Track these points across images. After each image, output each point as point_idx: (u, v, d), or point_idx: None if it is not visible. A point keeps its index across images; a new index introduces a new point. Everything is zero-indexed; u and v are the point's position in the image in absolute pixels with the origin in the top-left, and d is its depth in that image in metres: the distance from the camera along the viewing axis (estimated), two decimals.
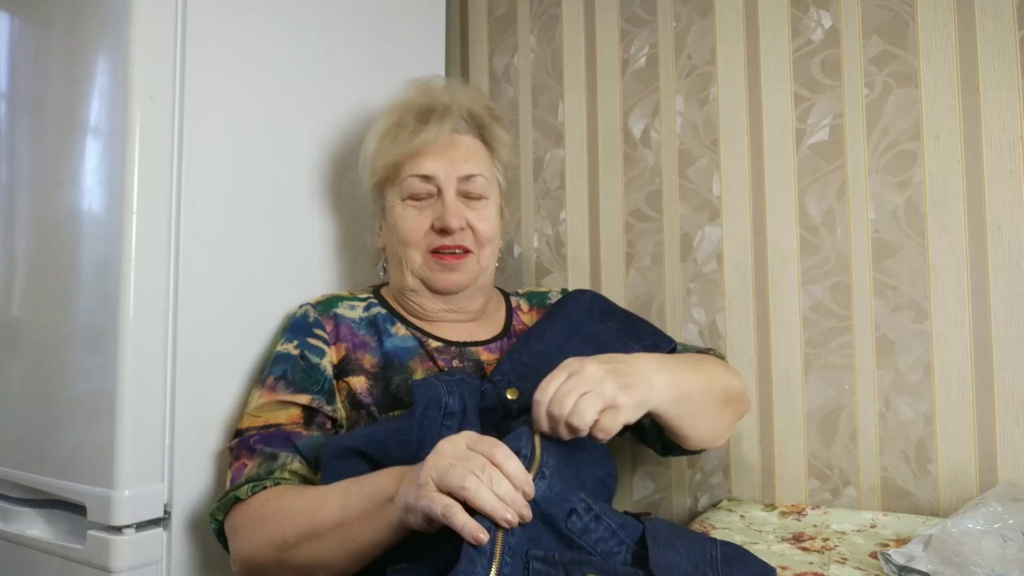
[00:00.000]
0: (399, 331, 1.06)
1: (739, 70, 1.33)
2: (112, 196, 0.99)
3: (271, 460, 0.91)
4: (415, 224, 1.03)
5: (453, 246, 1.03)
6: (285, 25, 1.18)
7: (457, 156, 1.04)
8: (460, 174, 1.04)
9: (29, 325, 1.12)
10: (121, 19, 0.99)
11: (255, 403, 0.98)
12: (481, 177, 1.05)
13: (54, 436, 1.06)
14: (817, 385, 1.24)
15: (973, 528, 0.91)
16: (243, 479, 0.90)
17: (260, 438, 0.94)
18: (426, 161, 1.03)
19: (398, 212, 1.05)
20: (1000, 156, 1.13)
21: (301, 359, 0.99)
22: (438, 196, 1.04)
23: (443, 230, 1.02)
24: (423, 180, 1.03)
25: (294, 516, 0.82)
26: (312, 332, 1.02)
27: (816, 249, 1.25)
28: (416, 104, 1.07)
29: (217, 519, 0.91)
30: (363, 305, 1.08)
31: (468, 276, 1.06)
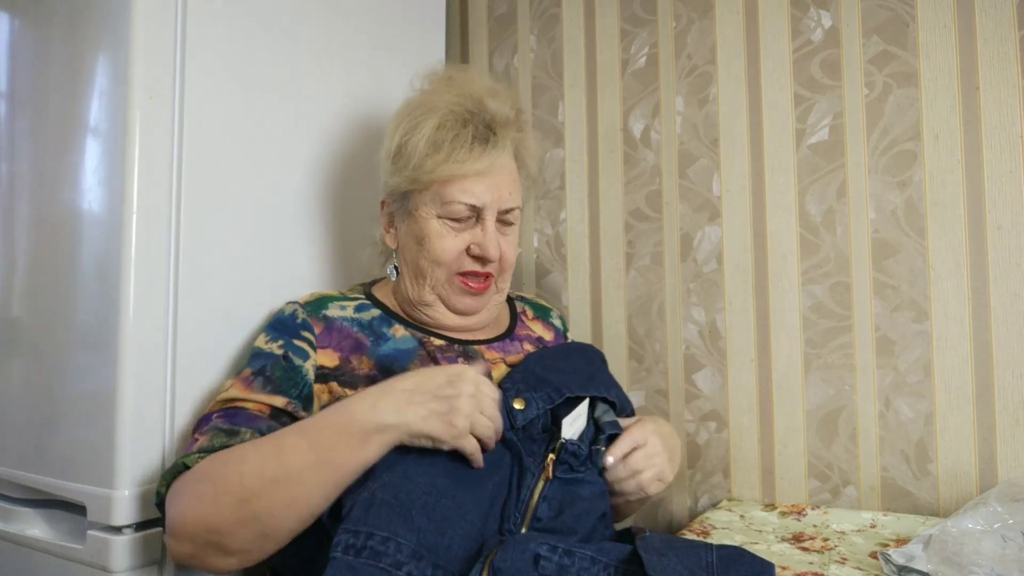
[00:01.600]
0: (397, 332, 1.02)
1: (739, 70, 1.33)
2: (112, 196, 0.99)
3: (229, 435, 0.85)
4: (452, 246, 1.00)
5: (483, 273, 1.02)
6: (285, 25, 1.18)
7: (503, 187, 1.01)
8: (502, 207, 1.02)
9: (29, 325, 1.12)
10: (121, 19, 0.99)
11: (223, 392, 0.93)
12: (518, 209, 1.05)
13: (54, 436, 1.06)
14: (817, 385, 1.24)
15: (973, 528, 0.91)
16: (195, 450, 0.85)
17: (222, 414, 0.89)
18: (477, 189, 0.99)
19: (433, 229, 1.00)
20: (1000, 156, 1.13)
21: (284, 359, 0.95)
22: (477, 221, 1.01)
23: (481, 258, 1.01)
24: (469, 207, 1.00)
25: (253, 465, 0.78)
26: (299, 333, 0.98)
27: (816, 249, 1.25)
28: (463, 110, 1.01)
29: (160, 493, 0.85)
30: (353, 305, 1.04)
31: (486, 301, 1.05)
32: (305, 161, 1.20)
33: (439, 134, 0.99)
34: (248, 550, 0.78)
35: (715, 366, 1.33)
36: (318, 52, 1.23)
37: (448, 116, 1.00)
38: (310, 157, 1.21)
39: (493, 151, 1.00)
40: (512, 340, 1.10)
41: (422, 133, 0.99)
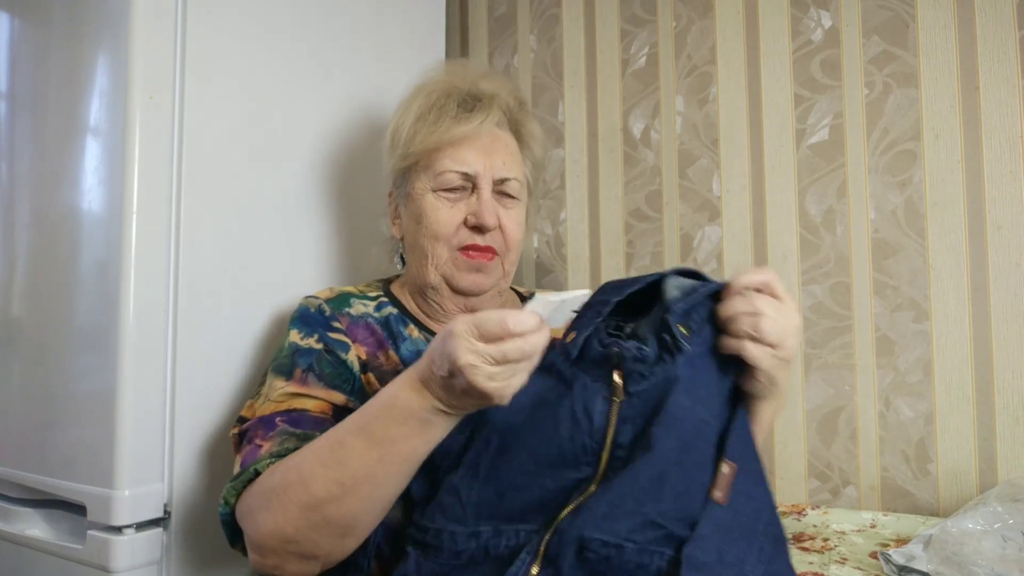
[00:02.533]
0: (413, 332, 1.00)
1: (739, 70, 1.33)
2: (112, 196, 0.99)
3: (304, 440, 0.82)
4: (448, 217, 0.97)
5: (484, 246, 0.98)
6: (285, 25, 1.18)
7: (496, 155, 0.99)
8: (496, 176, 0.99)
9: (29, 325, 1.12)
10: (121, 19, 0.99)
11: (279, 390, 0.89)
12: (516, 181, 1.01)
13: (54, 436, 1.06)
14: (817, 385, 1.24)
15: (973, 528, 0.91)
16: (265, 455, 0.81)
17: (287, 419, 0.86)
18: (467, 155, 0.97)
19: (429, 203, 0.98)
20: (1000, 156, 1.13)
21: (327, 353, 0.92)
22: (472, 191, 0.98)
23: (478, 227, 0.97)
24: (462, 176, 0.97)
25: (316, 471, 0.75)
26: (330, 326, 0.95)
27: (816, 249, 1.25)
28: (457, 89, 1.01)
29: (229, 503, 0.82)
30: (374, 304, 1.02)
31: (492, 280, 1.01)
32: (305, 161, 1.20)
33: (424, 107, 0.99)
34: (330, 552, 0.77)
35: None
36: (318, 52, 1.23)
37: (435, 91, 1.00)
38: (310, 157, 1.21)
39: (478, 115, 0.98)
40: None
41: (410, 112, 1.00)
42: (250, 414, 0.91)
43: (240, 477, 0.81)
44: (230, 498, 0.82)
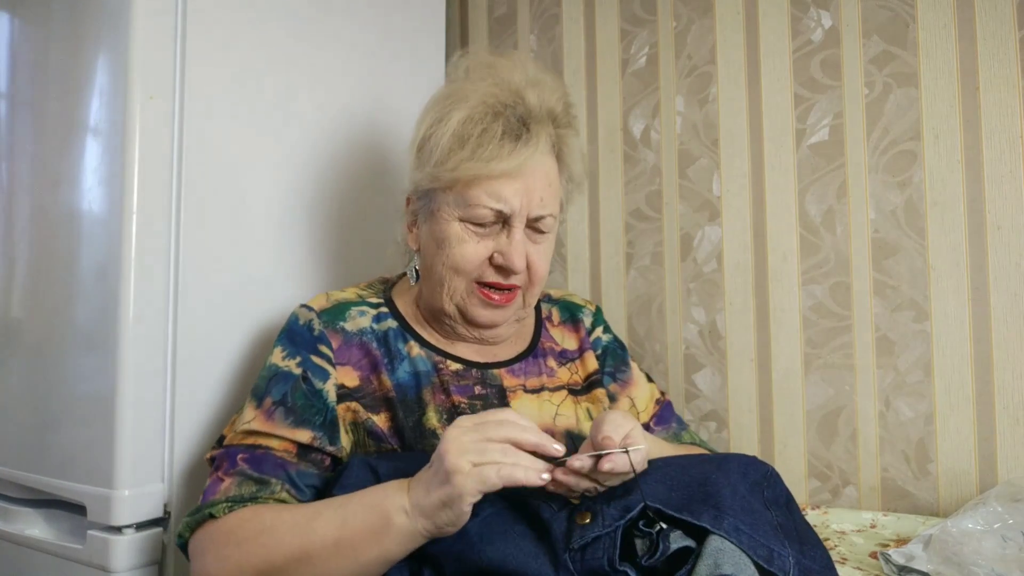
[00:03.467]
0: (412, 350, 0.94)
1: (739, 70, 1.33)
2: (112, 196, 0.99)
3: (259, 485, 0.83)
4: (473, 254, 0.91)
5: (507, 285, 0.92)
6: (285, 25, 1.18)
7: (534, 191, 0.90)
8: (532, 215, 0.91)
9: (29, 325, 1.12)
10: (121, 19, 0.99)
11: (246, 423, 0.88)
12: (551, 217, 0.94)
13: (54, 436, 1.06)
14: (817, 385, 1.24)
15: (973, 528, 0.91)
16: (221, 497, 0.82)
17: (249, 457, 0.85)
18: (505, 191, 0.89)
19: (454, 232, 0.91)
20: (1000, 156, 1.13)
21: (303, 381, 0.89)
22: (503, 227, 0.91)
23: (504, 268, 0.91)
24: (495, 213, 0.90)
25: (281, 535, 0.75)
26: (316, 348, 0.91)
27: (816, 249, 1.25)
28: (502, 106, 0.91)
29: (183, 536, 0.83)
30: (374, 313, 0.96)
31: (509, 314, 0.96)
32: (305, 161, 1.20)
33: (466, 128, 0.89)
34: None
35: (715, 366, 1.33)
36: (318, 52, 1.23)
37: (478, 107, 0.90)
38: (310, 157, 1.21)
39: (525, 149, 0.89)
40: (535, 358, 1.01)
41: (448, 126, 0.90)
42: (228, 433, 0.91)
43: (195, 515, 0.82)
44: (184, 532, 0.83)
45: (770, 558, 0.68)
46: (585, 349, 1.07)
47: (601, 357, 1.07)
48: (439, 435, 0.86)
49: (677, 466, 0.77)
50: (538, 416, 0.96)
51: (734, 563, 0.66)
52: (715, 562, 0.65)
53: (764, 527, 0.70)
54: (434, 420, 0.90)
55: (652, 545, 0.68)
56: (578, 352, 1.06)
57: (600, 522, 0.69)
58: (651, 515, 0.69)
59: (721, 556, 0.66)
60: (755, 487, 0.76)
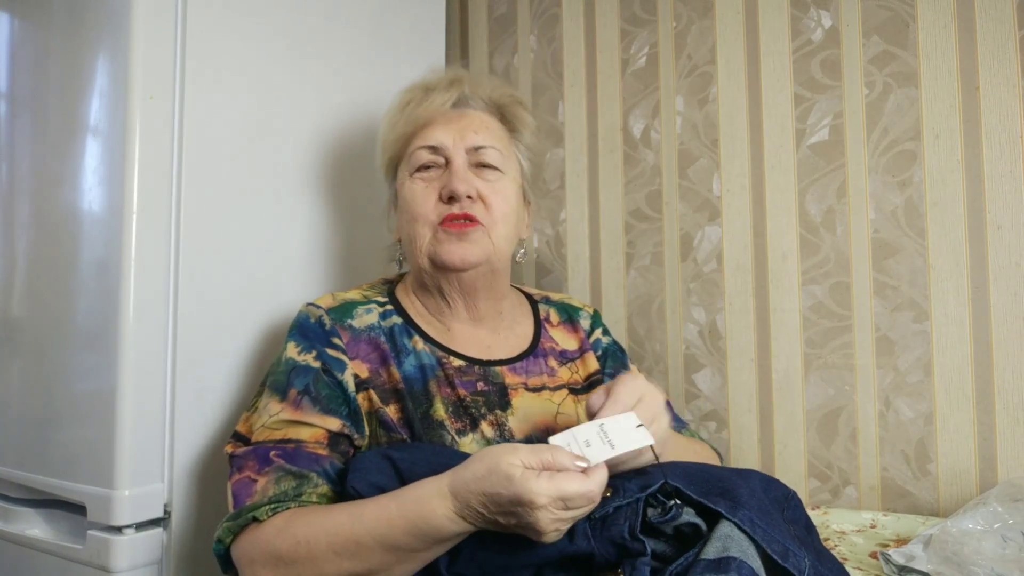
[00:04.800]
0: (417, 345, 0.96)
1: (739, 70, 1.33)
2: (112, 196, 0.99)
3: (300, 480, 0.82)
4: (423, 195, 0.96)
5: (461, 215, 0.94)
6: (285, 26, 1.18)
7: (467, 127, 0.98)
8: (469, 144, 0.97)
9: (29, 325, 1.12)
10: (121, 19, 0.99)
11: (274, 416, 0.88)
12: (493, 149, 0.98)
13: (54, 436, 1.06)
14: (817, 385, 1.24)
15: (973, 528, 0.91)
16: (262, 498, 0.81)
17: (282, 453, 0.84)
18: (433, 130, 0.98)
19: (407, 187, 0.98)
20: (1000, 156, 1.13)
21: (324, 373, 0.90)
22: (447, 167, 0.97)
23: (450, 197, 0.94)
24: (431, 151, 0.97)
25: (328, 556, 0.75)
26: (330, 341, 0.92)
27: (816, 249, 1.25)
28: (424, 81, 1.03)
29: (224, 541, 0.81)
30: (380, 311, 0.98)
31: (480, 251, 0.95)
32: (305, 161, 1.20)
33: (399, 105, 1.01)
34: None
35: (715, 366, 1.33)
36: (318, 52, 1.23)
37: (411, 89, 1.02)
38: (310, 157, 1.21)
39: (443, 94, 0.98)
40: (535, 358, 1.02)
41: (390, 111, 1.02)
42: (245, 429, 0.91)
43: (237, 520, 0.81)
44: (225, 537, 0.81)
45: (785, 554, 0.69)
46: (586, 350, 1.08)
47: (602, 358, 1.09)
48: (447, 426, 0.90)
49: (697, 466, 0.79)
50: (540, 414, 0.97)
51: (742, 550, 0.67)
52: (723, 545, 0.67)
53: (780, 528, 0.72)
54: (441, 411, 0.92)
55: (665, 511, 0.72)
56: (578, 352, 1.08)
57: (621, 494, 0.73)
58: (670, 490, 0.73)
59: (730, 541, 0.68)
60: (775, 502, 0.77)
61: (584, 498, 0.67)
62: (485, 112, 1.03)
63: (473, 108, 1.02)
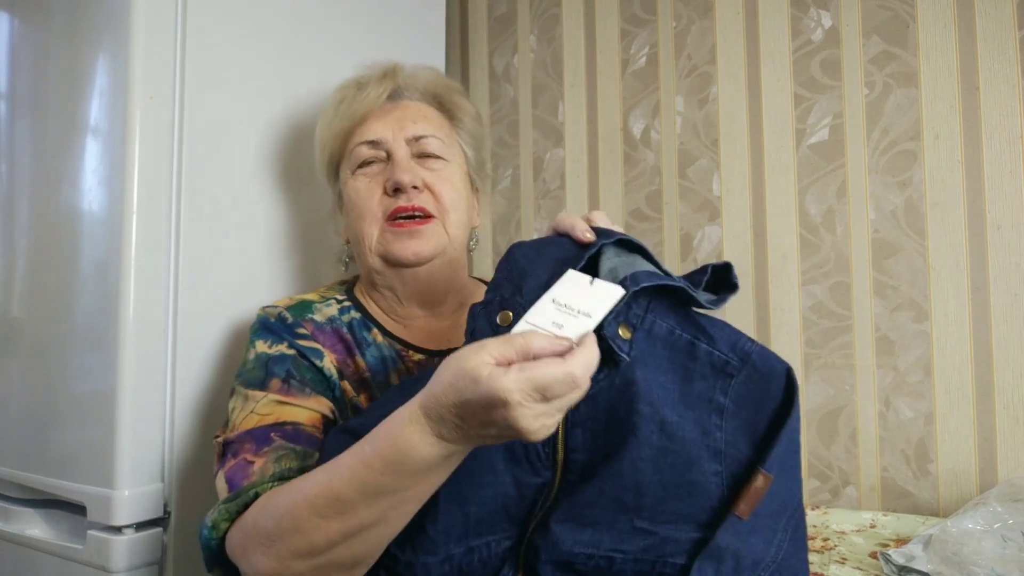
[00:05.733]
0: (376, 337, 0.94)
1: (739, 70, 1.33)
2: (112, 196, 0.99)
3: (303, 458, 0.77)
4: (367, 192, 0.93)
5: (409, 207, 0.91)
6: (284, 26, 1.18)
7: (404, 118, 0.96)
8: (409, 135, 0.94)
9: (29, 325, 1.12)
10: (121, 19, 0.99)
11: (260, 401, 0.83)
12: (434, 138, 0.96)
13: (54, 436, 1.06)
14: (817, 385, 1.24)
15: (973, 528, 0.91)
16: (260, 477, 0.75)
17: (282, 433, 0.79)
18: (371, 125, 0.95)
19: (350, 186, 0.95)
20: (1000, 156, 1.13)
21: (302, 358, 0.87)
22: (389, 161, 0.94)
23: (396, 189, 0.91)
24: (371, 146, 0.94)
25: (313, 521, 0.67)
26: (296, 333, 0.89)
27: (816, 249, 1.25)
28: (356, 77, 1.01)
29: (219, 527, 0.74)
30: (338, 307, 0.96)
31: (432, 245, 0.92)
32: (305, 161, 1.20)
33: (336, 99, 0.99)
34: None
35: None
36: (318, 53, 1.23)
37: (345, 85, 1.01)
38: (310, 157, 1.20)
39: (376, 87, 0.97)
40: None
41: (324, 110, 1.01)
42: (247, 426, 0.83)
43: (236, 499, 0.74)
44: (221, 523, 0.74)
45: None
46: None
47: None
48: None
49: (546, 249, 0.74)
50: None
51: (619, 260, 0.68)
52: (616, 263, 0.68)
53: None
54: None
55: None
56: None
57: (517, 313, 0.67)
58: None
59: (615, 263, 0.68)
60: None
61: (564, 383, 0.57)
62: (421, 102, 1.00)
63: (409, 99, 1.00)
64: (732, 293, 0.69)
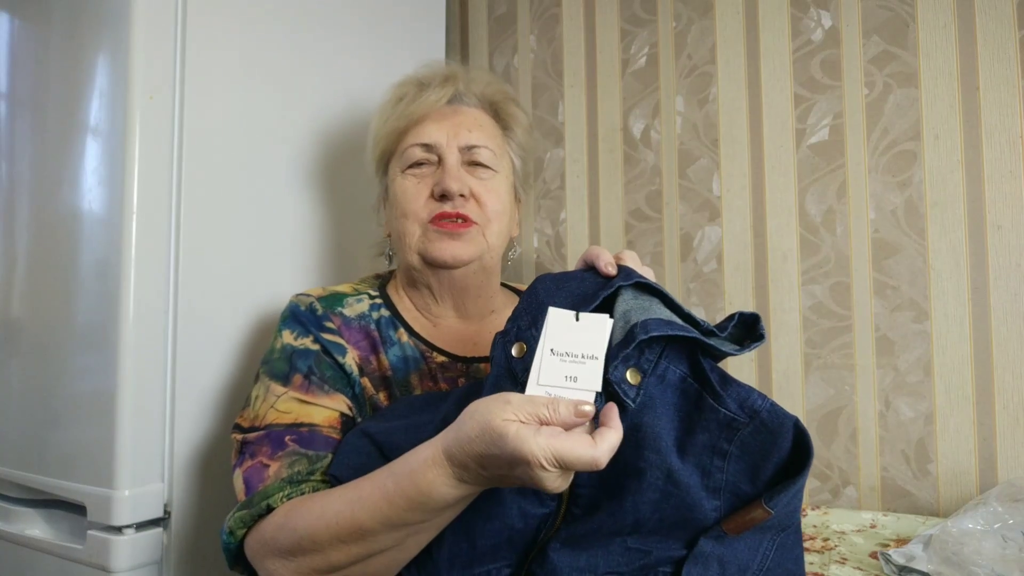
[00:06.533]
0: (401, 337, 0.96)
1: (739, 70, 1.33)
2: (112, 196, 0.99)
3: (314, 461, 0.80)
4: (414, 192, 0.96)
5: (454, 213, 0.94)
6: (285, 26, 1.18)
7: (460, 124, 0.98)
8: (462, 143, 0.97)
9: (29, 325, 1.12)
10: (121, 19, 0.99)
11: (280, 396, 0.86)
12: (486, 149, 0.98)
13: (54, 436, 1.06)
14: (817, 385, 1.24)
15: (973, 528, 0.91)
16: (275, 483, 0.79)
17: (297, 438, 0.82)
18: (427, 127, 0.97)
19: (398, 184, 0.98)
20: (1000, 156, 1.13)
21: (325, 354, 0.90)
22: (439, 165, 0.96)
23: (443, 195, 0.94)
24: (424, 148, 0.96)
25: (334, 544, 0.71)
26: (323, 326, 0.92)
27: (816, 249, 1.25)
28: (418, 76, 1.02)
29: (236, 534, 0.78)
30: (369, 303, 0.98)
31: (472, 250, 0.95)
32: (305, 161, 1.20)
33: (391, 100, 1.01)
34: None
35: None
36: (318, 53, 1.23)
37: (404, 85, 1.02)
38: (310, 157, 1.21)
39: (436, 91, 0.98)
40: None
41: (383, 104, 1.02)
42: (247, 423, 0.87)
43: (251, 508, 0.78)
44: (237, 529, 0.78)
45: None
46: None
47: None
48: None
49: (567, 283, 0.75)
50: None
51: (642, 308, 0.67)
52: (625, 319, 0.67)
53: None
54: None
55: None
56: None
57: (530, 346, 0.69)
58: None
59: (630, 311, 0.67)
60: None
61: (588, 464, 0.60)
62: (478, 109, 1.02)
63: (467, 105, 1.02)
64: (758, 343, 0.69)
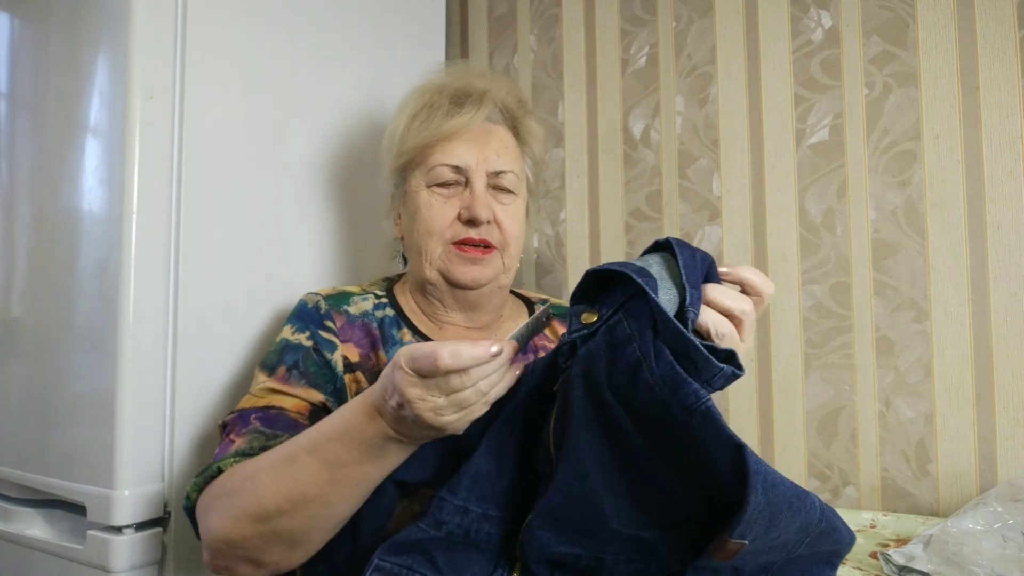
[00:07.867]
0: (404, 337, 0.98)
1: (739, 70, 1.33)
2: (112, 196, 0.99)
3: (270, 440, 0.83)
4: (441, 213, 0.97)
5: (479, 240, 0.96)
6: (284, 26, 1.18)
7: (490, 148, 0.99)
8: (491, 169, 0.98)
9: (29, 325, 1.12)
10: (121, 19, 0.99)
11: (259, 385, 0.91)
12: (512, 174, 1.00)
13: (54, 436, 1.06)
14: (817, 385, 1.24)
15: (973, 528, 0.91)
16: (231, 452, 0.82)
17: (262, 416, 0.86)
18: (458, 149, 0.97)
19: (423, 199, 0.98)
20: (1000, 156, 1.13)
21: (314, 351, 0.93)
22: (466, 186, 0.98)
23: (471, 221, 0.96)
24: (454, 170, 0.97)
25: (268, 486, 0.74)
26: (323, 324, 0.95)
27: (816, 249, 1.25)
28: (451, 87, 1.01)
29: (191, 497, 0.83)
30: (375, 302, 1.01)
31: (490, 273, 0.98)
32: (305, 161, 1.20)
33: (417, 106, 1.00)
34: (278, 561, 0.77)
35: None
36: (318, 52, 1.23)
37: (428, 90, 1.01)
38: (310, 157, 1.21)
39: (470, 108, 0.98)
40: (525, 354, 1.02)
41: (405, 111, 1.01)
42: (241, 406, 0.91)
43: (204, 473, 0.82)
44: (192, 492, 0.83)
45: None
46: None
47: None
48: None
49: None
50: None
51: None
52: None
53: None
54: None
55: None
56: None
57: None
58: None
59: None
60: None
61: (429, 358, 0.61)
62: (503, 127, 1.03)
63: (493, 123, 1.02)
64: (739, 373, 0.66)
